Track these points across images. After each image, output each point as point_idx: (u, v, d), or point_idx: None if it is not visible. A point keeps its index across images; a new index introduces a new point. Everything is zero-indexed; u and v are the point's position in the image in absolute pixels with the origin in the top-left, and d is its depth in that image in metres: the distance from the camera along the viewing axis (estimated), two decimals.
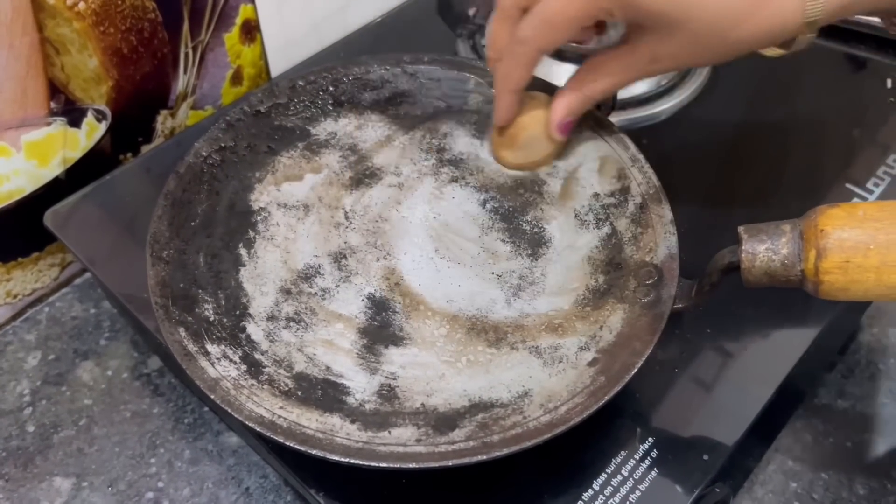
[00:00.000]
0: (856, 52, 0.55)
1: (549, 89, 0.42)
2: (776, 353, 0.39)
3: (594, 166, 0.42)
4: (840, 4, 0.33)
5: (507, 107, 0.40)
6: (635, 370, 0.33)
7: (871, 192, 0.46)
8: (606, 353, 0.35)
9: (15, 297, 0.50)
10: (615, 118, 0.46)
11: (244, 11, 0.54)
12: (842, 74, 0.54)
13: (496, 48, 0.39)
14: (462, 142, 0.46)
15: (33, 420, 0.46)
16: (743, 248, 0.32)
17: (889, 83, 0.52)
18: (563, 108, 0.39)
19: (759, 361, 0.39)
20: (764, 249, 0.32)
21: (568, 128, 0.40)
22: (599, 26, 0.42)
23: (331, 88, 0.47)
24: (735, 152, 0.49)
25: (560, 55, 0.54)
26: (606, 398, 0.32)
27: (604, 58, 0.38)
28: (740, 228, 0.32)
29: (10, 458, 0.44)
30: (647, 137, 0.48)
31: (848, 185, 0.46)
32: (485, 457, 0.31)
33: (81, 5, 0.45)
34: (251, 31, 0.55)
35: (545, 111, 0.40)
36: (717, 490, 0.36)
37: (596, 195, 0.42)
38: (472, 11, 0.59)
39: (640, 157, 0.41)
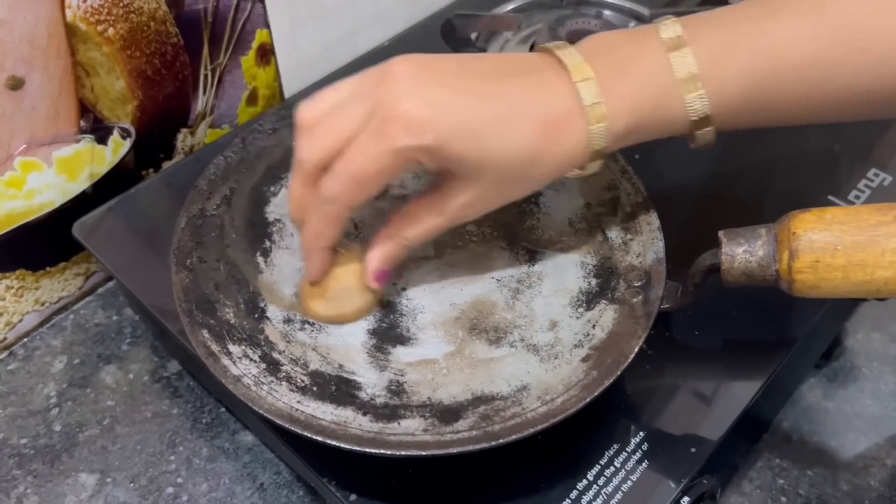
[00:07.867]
0: None
1: None
2: (760, 355, 0.41)
3: (587, 178, 0.44)
4: (622, 136, 0.36)
5: (320, 263, 0.39)
6: (625, 365, 0.35)
7: (852, 203, 0.48)
8: (598, 350, 0.37)
9: (42, 304, 0.52)
10: None
11: (260, 36, 0.56)
12: None
13: (299, 207, 0.37)
14: None
15: (60, 420, 0.48)
16: (723, 250, 0.34)
17: None
18: (379, 257, 0.38)
19: (744, 363, 0.41)
20: (742, 251, 0.34)
21: (385, 277, 0.39)
22: None
23: None
24: (721, 166, 0.51)
25: None
26: (599, 391, 0.34)
27: (416, 206, 0.37)
28: (720, 232, 0.35)
29: (39, 455, 0.46)
30: (639, 153, 0.50)
31: (830, 197, 0.48)
32: (486, 444, 0.33)
33: (111, 31, 0.47)
34: (266, 54, 0.57)
35: (359, 262, 0.39)
36: (705, 482, 0.37)
37: (588, 205, 0.44)
38: (473, 36, 0.61)
39: (629, 169, 0.43)
